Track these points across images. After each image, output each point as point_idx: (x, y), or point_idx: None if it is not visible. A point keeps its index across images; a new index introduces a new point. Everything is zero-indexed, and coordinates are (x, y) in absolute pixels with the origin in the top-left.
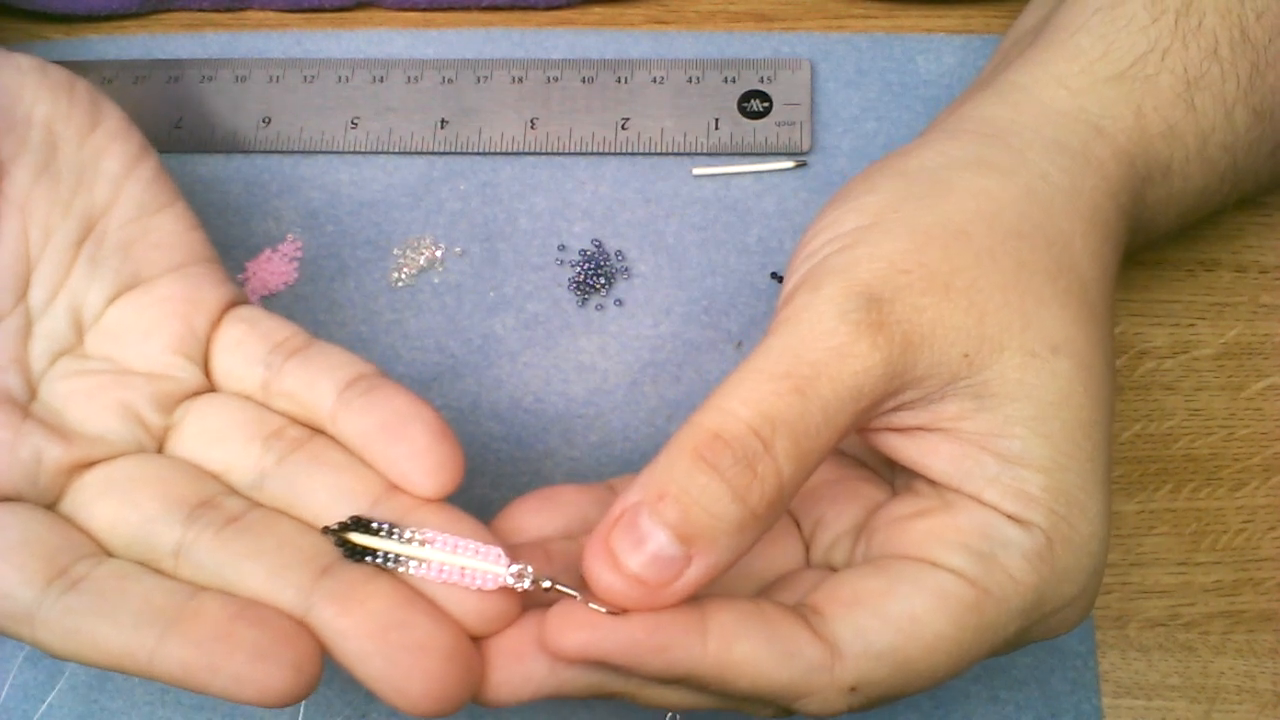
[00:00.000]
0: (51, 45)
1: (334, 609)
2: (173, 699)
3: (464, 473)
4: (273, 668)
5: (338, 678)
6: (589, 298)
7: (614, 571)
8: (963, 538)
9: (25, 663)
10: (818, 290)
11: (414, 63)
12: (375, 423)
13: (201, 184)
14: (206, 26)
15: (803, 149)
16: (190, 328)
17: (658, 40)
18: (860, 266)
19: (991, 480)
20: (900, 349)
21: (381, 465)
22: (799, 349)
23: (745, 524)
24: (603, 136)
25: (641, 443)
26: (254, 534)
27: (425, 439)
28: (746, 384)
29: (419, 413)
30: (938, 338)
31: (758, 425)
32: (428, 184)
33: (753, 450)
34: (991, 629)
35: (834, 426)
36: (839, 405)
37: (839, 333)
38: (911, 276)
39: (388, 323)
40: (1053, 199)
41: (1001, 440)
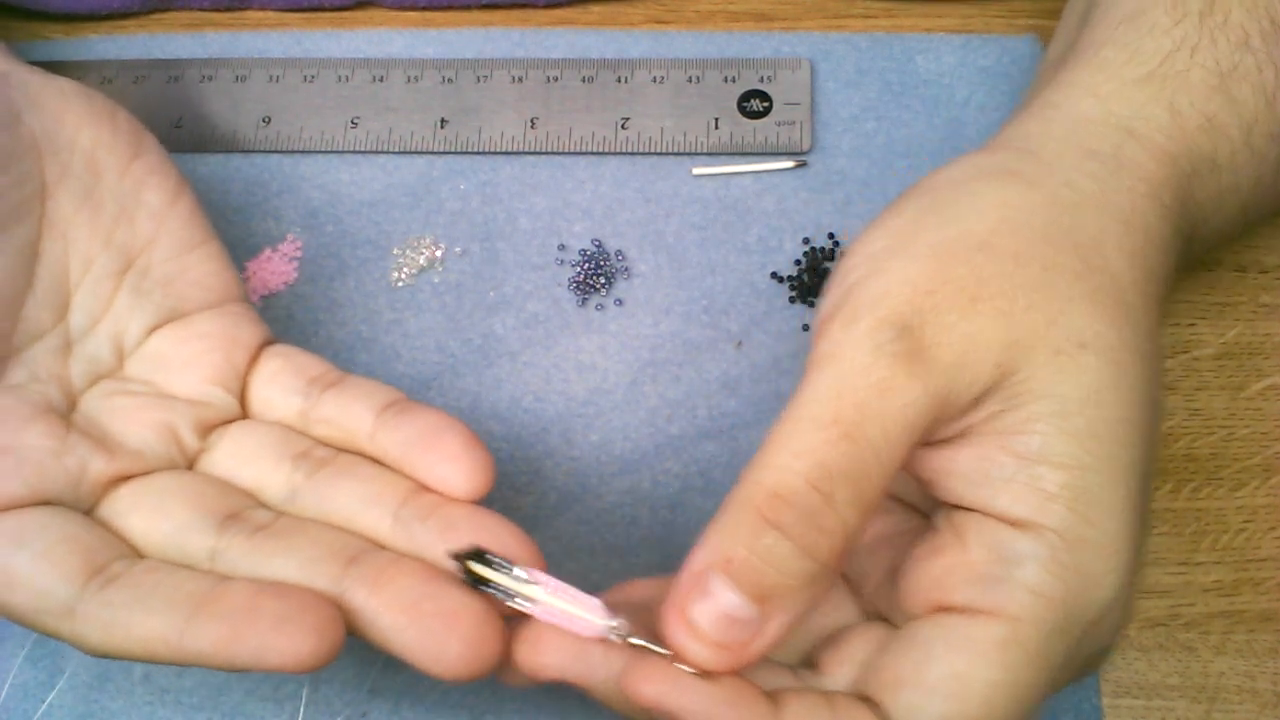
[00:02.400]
0: (51, 45)
1: (365, 589)
2: (172, 699)
3: (495, 477)
4: (295, 633)
5: (338, 678)
6: (589, 297)
7: (693, 638)
8: (977, 569)
9: (25, 663)
10: (851, 325)
11: (414, 62)
12: (413, 434)
13: (201, 184)
14: (206, 26)
15: (803, 149)
16: (230, 361)
17: (658, 40)
18: (890, 295)
19: (1007, 482)
20: (939, 373)
21: (421, 472)
22: (841, 391)
23: (816, 577)
24: (603, 136)
25: (641, 442)
26: (284, 536)
27: (459, 445)
28: (796, 436)
29: (452, 424)
30: (970, 355)
31: (815, 478)
32: (428, 184)
33: (814, 505)
34: (1038, 656)
35: (888, 465)
36: (890, 444)
37: (877, 368)
38: (937, 296)
39: (388, 322)
40: (1080, 204)
41: (1021, 438)
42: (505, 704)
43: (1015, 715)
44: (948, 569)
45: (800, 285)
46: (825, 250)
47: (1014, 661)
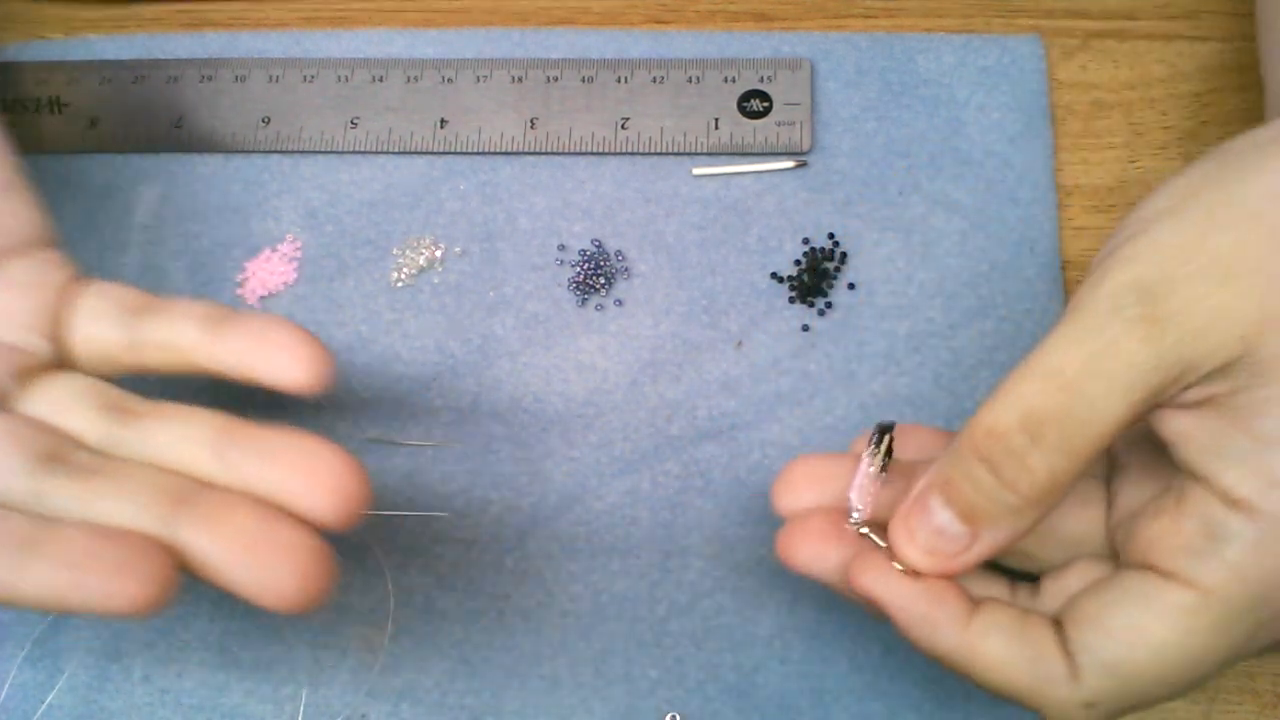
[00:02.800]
0: (51, 45)
1: (197, 529)
2: (172, 699)
3: (333, 366)
4: (133, 579)
5: (337, 679)
6: (589, 297)
7: (910, 544)
8: (1185, 540)
9: (25, 663)
10: (1099, 284)
11: (414, 62)
12: (244, 339)
13: (201, 184)
14: (206, 26)
15: (803, 149)
16: (43, 306)
17: (657, 40)
18: (1141, 258)
19: (1240, 459)
20: (1174, 341)
21: (259, 372)
22: (1071, 344)
23: (1018, 509)
24: (603, 136)
25: (641, 443)
26: (109, 477)
27: (290, 338)
28: (1021, 382)
29: (280, 321)
30: (1214, 326)
31: (1026, 422)
32: (427, 184)
33: (1020, 445)
34: (1219, 629)
35: (1106, 421)
36: (1108, 401)
37: (1110, 328)
38: (1191, 267)
39: (387, 323)
40: None
41: (1259, 419)
42: (505, 704)
43: (1183, 676)
44: (1162, 533)
45: (800, 285)
46: (825, 250)
47: (1194, 627)
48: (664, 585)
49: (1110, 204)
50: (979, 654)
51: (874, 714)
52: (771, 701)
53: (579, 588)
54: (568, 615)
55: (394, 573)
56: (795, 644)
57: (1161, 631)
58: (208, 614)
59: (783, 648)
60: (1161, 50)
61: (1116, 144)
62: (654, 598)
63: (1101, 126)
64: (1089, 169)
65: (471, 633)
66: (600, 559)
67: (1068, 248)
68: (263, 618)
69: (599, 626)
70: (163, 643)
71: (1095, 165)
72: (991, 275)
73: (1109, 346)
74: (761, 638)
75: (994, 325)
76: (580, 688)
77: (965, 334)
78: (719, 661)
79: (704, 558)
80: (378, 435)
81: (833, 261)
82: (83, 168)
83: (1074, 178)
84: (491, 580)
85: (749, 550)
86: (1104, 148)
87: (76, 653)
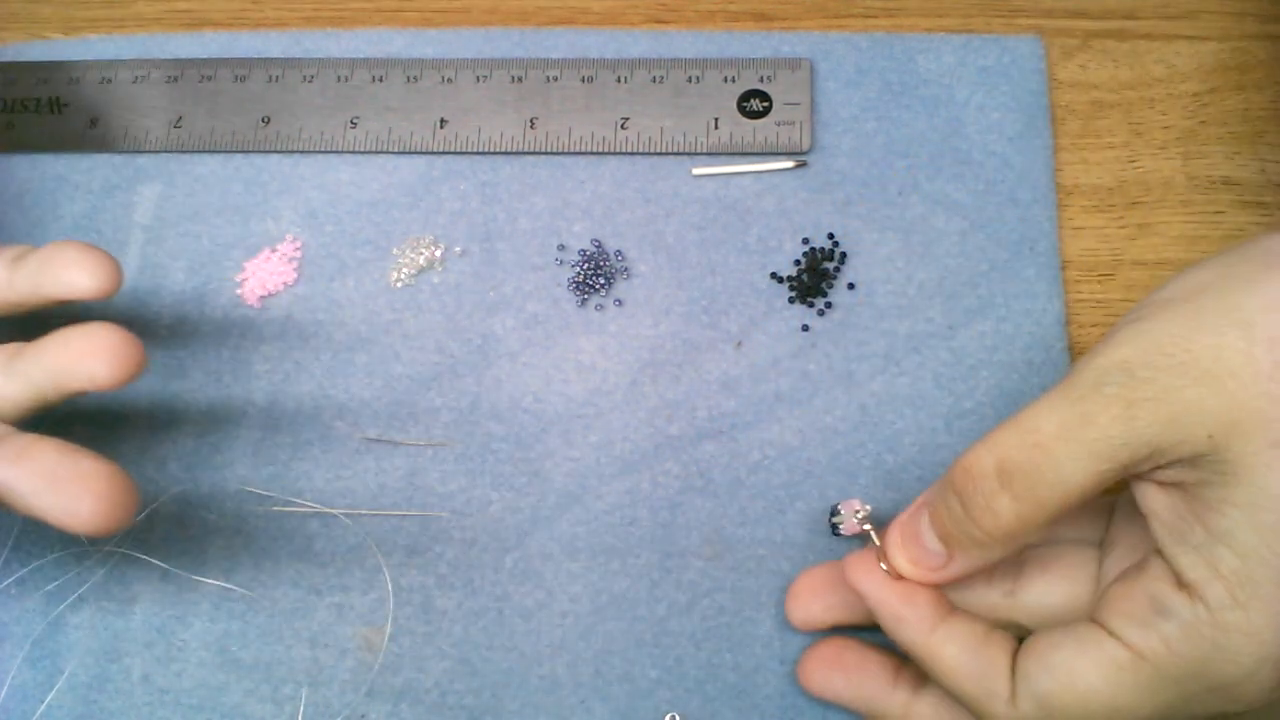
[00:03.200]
0: (51, 45)
1: (6, 464)
2: (171, 699)
3: (120, 275)
4: None
5: (337, 679)
6: (589, 298)
7: (898, 552)
8: (1134, 605)
9: (24, 663)
10: (1092, 358)
11: (413, 62)
12: (39, 262)
13: (201, 184)
14: (206, 26)
15: (802, 148)
16: None
17: (657, 40)
18: (1133, 342)
19: (1194, 548)
20: (1145, 425)
21: (49, 288)
22: (1054, 407)
23: (983, 543)
24: (602, 136)
25: (641, 443)
26: None
27: (78, 251)
28: (1003, 432)
29: (72, 242)
30: (1185, 419)
31: (999, 468)
32: (427, 184)
33: (990, 489)
34: (1145, 691)
35: (1070, 482)
36: (1075, 465)
37: (1090, 401)
38: (1174, 360)
39: (387, 323)
40: None
41: (1215, 515)
42: (505, 704)
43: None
44: (1118, 595)
45: (800, 285)
46: (825, 250)
47: (1121, 682)
48: (664, 585)
49: (1110, 204)
50: (938, 657)
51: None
52: (771, 701)
53: (579, 588)
54: (567, 615)
55: (394, 573)
56: (795, 644)
57: (1092, 678)
58: (207, 614)
59: (782, 648)
60: (1161, 50)
61: (1116, 144)
62: (654, 598)
63: (1101, 126)
64: (1089, 169)
65: (471, 632)
66: (600, 559)
67: (1067, 248)
68: (262, 618)
69: (599, 626)
70: (162, 643)
71: (1095, 165)
72: (991, 275)
73: (1085, 417)
74: (761, 638)
75: (993, 325)
76: (580, 687)
77: (965, 334)
78: (719, 661)
79: (703, 558)
80: (378, 435)
81: (832, 261)
82: (83, 168)
83: (1074, 178)
84: (491, 580)
85: (748, 550)
86: (1104, 148)
87: (76, 653)
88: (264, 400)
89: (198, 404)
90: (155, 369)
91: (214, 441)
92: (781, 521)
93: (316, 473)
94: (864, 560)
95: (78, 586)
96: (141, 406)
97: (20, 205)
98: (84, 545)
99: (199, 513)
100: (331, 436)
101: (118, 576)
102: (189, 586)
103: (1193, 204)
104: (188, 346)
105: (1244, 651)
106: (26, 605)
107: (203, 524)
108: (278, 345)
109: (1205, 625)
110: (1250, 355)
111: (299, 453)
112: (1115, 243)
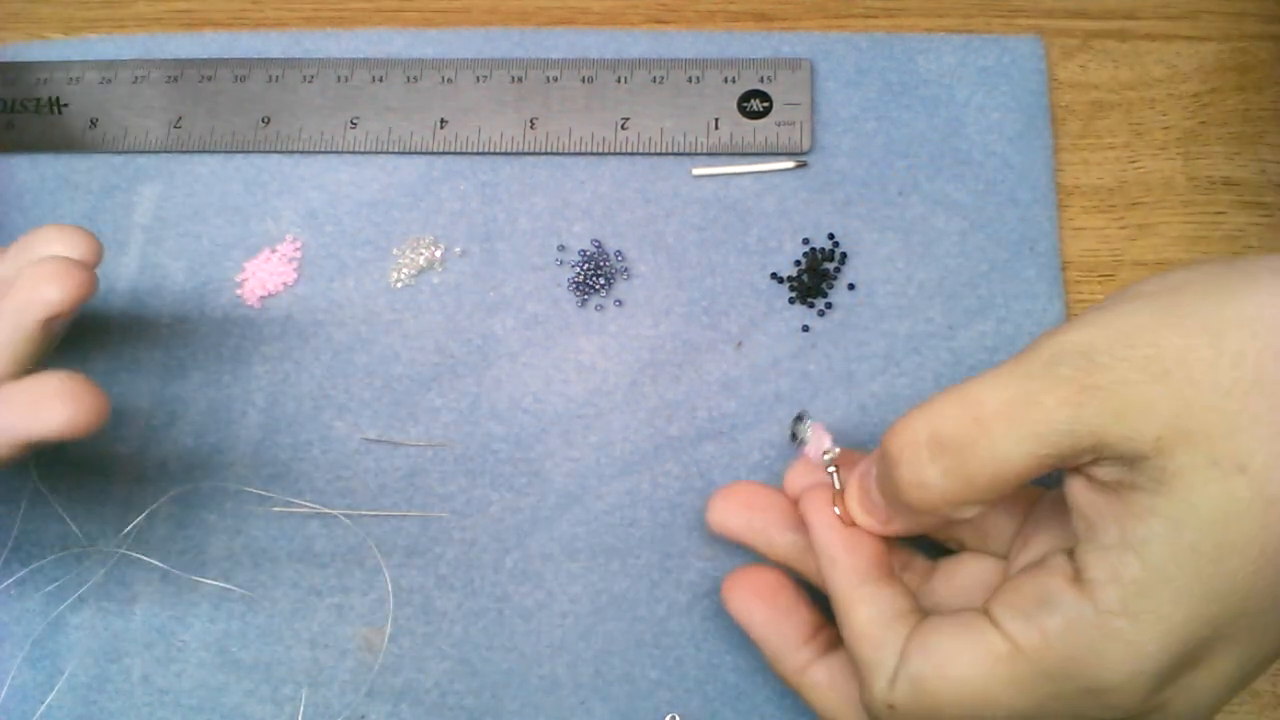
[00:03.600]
0: (51, 45)
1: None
2: (171, 700)
3: (100, 248)
4: None
5: (337, 679)
6: (589, 298)
7: (853, 498)
8: (1020, 597)
9: (24, 664)
10: (1049, 338)
11: (413, 62)
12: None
13: (201, 184)
14: (206, 26)
15: (803, 149)
16: None
17: (657, 40)
18: (1096, 325)
19: (1104, 548)
20: (1093, 414)
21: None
22: (1001, 383)
23: (910, 511)
24: (602, 136)
25: (641, 443)
26: None
27: (56, 230)
28: (944, 401)
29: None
30: (1134, 415)
31: (931, 440)
32: (427, 184)
33: (919, 459)
34: (1018, 685)
35: (1004, 463)
36: (1012, 445)
37: (1039, 380)
38: (1136, 353)
39: (387, 323)
40: None
41: (1134, 520)
42: (505, 704)
43: (974, 714)
44: (1010, 586)
45: (800, 286)
46: (825, 251)
47: (995, 673)
48: (664, 586)
49: (1110, 204)
50: (852, 612)
51: None
52: (771, 702)
53: (579, 588)
54: (567, 615)
55: (394, 573)
56: None
57: (967, 665)
58: (207, 615)
59: None
60: (1161, 50)
61: (1116, 144)
62: (654, 598)
63: (1101, 126)
64: (1089, 169)
65: (471, 633)
66: (600, 559)
67: (1067, 248)
68: (262, 618)
69: (599, 627)
70: (162, 643)
71: (1095, 165)
72: (991, 275)
73: (1031, 396)
74: None
75: (994, 326)
76: (580, 688)
77: (965, 334)
78: (719, 662)
79: (704, 558)
80: (378, 436)
81: (832, 262)
82: (83, 168)
83: (1074, 178)
84: (491, 580)
85: (748, 551)
86: (1104, 148)
87: (76, 653)
88: (264, 400)
89: (198, 404)
90: (155, 369)
91: (214, 441)
92: None
93: (316, 473)
94: (818, 497)
95: (78, 587)
96: (141, 406)
97: (20, 205)
98: (84, 545)
99: (199, 513)
100: (331, 437)
101: (118, 577)
102: (189, 587)
103: (1193, 204)
104: (188, 346)
105: (1122, 660)
106: (26, 605)
107: (203, 524)
108: (278, 345)
109: (1089, 625)
110: (1214, 365)
111: (299, 453)
112: (1115, 243)
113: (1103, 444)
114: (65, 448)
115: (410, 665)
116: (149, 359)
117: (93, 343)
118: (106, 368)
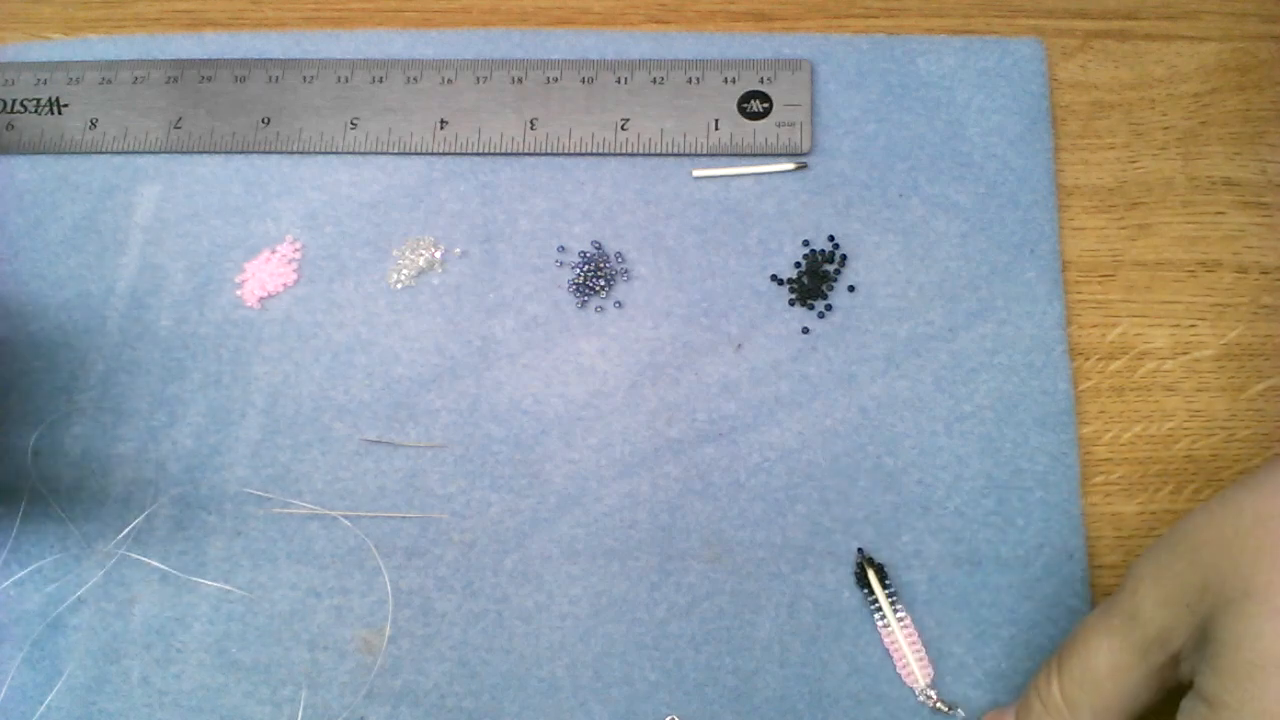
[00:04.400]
0: (51, 45)
1: None
2: (171, 701)
3: None
4: None
5: (336, 680)
6: (589, 300)
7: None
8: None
9: (24, 664)
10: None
11: (413, 63)
12: None
13: (201, 184)
14: (206, 26)
15: (803, 150)
16: None
17: (658, 40)
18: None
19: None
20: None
21: None
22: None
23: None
24: (602, 137)
25: (641, 445)
26: None
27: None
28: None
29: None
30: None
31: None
32: (427, 184)
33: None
34: None
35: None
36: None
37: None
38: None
39: (387, 324)
40: None
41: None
42: (504, 706)
43: None
44: None
45: (800, 288)
46: (825, 253)
47: None
48: (663, 588)
49: (1110, 204)
50: None
51: (872, 718)
52: (770, 704)
53: (578, 590)
54: (567, 617)
55: (394, 573)
56: (794, 647)
57: None
58: (206, 616)
59: (782, 651)
60: (1161, 50)
61: (1116, 144)
62: (653, 600)
63: (1101, 127)
64: (1089, 169)
65: (471, 635)
66: (599, 561)
67: (1068, 248)
68: (261, 620)
69: (598, 629)
70: (161, 644)
71: (1095, 166)
72: (992, 277)
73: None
74: (761, 641)
75: (994, 328)
76: (579, 690)
77: (965, 336)
78: (718, 664)
79: (703, 560)
80: (377, 437)
81: (833, 264)
82: (83, 168)
83: (1074, 178)
84: (491, 582)
85: (748, 553)
86: (1104, 148)
87: (75, 654)
88: (264, 401)
89: (198, 404)
90: (155, 369)
91: (214, 442)
92: (781, 524)
93: (316, 474)
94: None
95: (77, 587)
96: (141, 406)
97: (20, 205)
98: (84, 546)
99: (199, 514)
100: (331, 438)
101: (117, 578)
102: (188, 588)
103: (1193, 204)
104: (188, 347)
105: None
106: (26, 606)
107: (202, 525)
108: (277, 346)
109: None
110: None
111: (298, 454)
112: (1116, 243)
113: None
114: (65, 448)
115: (409, 667)
116: (149, 359)
117: (92, 343)
118: (106, 368)
